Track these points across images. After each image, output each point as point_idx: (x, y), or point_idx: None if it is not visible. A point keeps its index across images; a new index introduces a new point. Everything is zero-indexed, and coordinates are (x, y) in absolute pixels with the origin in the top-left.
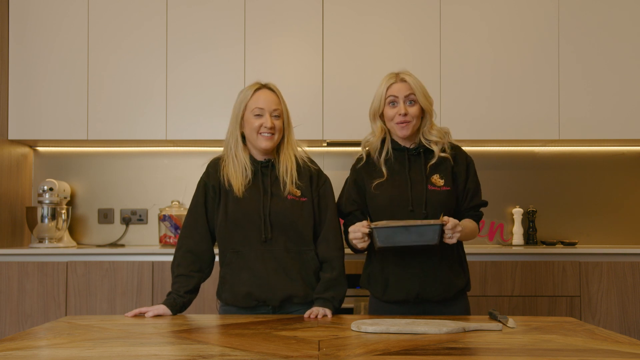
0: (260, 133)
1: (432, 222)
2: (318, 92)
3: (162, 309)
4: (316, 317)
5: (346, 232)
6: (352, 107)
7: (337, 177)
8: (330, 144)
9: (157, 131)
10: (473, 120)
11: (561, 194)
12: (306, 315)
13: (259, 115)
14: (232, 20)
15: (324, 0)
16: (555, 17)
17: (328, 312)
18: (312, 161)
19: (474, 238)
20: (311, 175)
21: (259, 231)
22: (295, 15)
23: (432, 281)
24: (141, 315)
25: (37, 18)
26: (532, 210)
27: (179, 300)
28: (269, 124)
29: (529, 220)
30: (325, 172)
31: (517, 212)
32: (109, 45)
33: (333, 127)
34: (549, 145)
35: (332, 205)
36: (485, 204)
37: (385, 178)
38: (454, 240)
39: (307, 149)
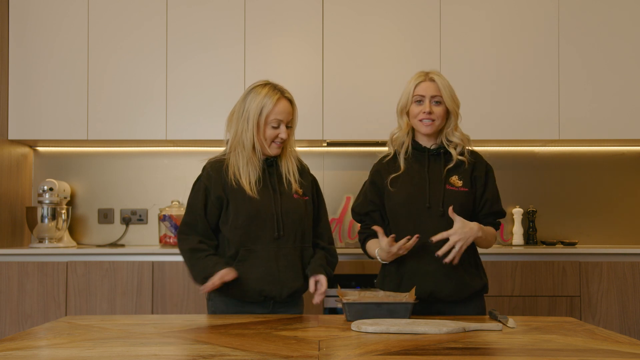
0: (274, 141)
1: (403, 299)
2: (318, 92)
3: (231, 270)
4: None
5: (361, 240)
6: (352, 107)
7: (337, 177)
8: (330, 144)
9: (157, 131)
10: (473, 120)
11: (561, 194)
12: (312, 286)
13: (276, 127)
14: (232, 20)
15: (324, 0)
16: (555, 18)
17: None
18: (304, 163)
19: (490, 245)
20: (310, 175)
21: (271, 229)
22: (295, 15)
23: (446, 281)
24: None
25: (37, 18)
26: (532, 210)
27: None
28: (284, 136)
29: (529, 220)
30: (325, 172)
31: (517, 212)
32: (109, 45)
33: (333, 127)
34: (549, 145)
35: (324, 202)
36: (503, 214)
37: (402, 172)
38: (455, 255)
39: (307, 149)
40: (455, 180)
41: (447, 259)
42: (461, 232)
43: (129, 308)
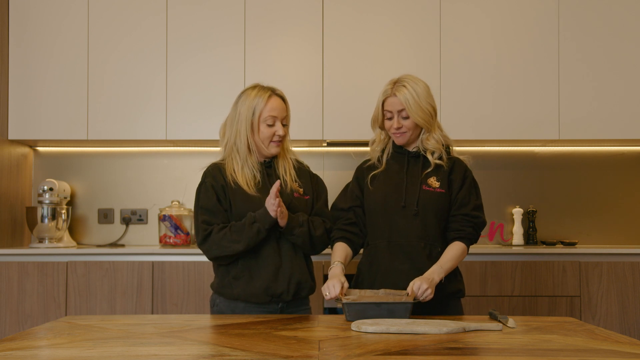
0: (272, 141)
1: (403, 299)
2: (318, 92)
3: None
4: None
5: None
6: (352, 107)
7: (337, 177)
8: (330, 144)
9: (157, 131)
10: (473, 120)
11: (561, 194)
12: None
13: (271, 125)
14: (232, 19)
15: (324, 0)
16: (555, 17)
17: (284, 212)
18: (303, 162)
19: (463, 258)
20: (309, 174)
21: (274, 228)
22: (295, 15)
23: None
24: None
25: (37, 18)
26: (532, 210)
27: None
28: (281, 133)
29: (529, 220)
30: (325, 172)
31: (517, 212)
32: (109, 45)
33: (333, 127)
34: (549, 145)
35: (324, 196)
36: (475, 217)
37: (381, 170)
38: (432, 296)
39: (307, 149)
40: (432, 181)
41: (425, 299)
42: (420, 280)
43: (129, 308)
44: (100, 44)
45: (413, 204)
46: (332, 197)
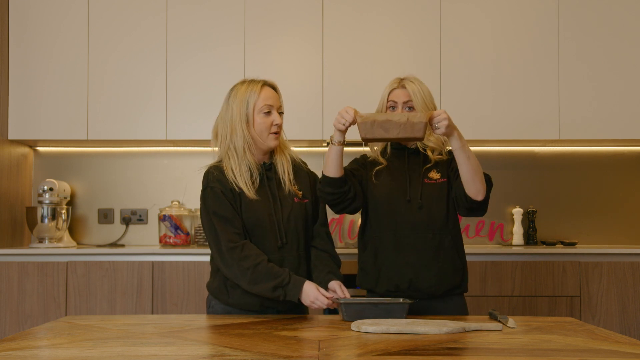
0: (271, 132)
1: (401, 299)
2: (318, 92)
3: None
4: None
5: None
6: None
7: None
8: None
9: (157, 131)
10: (473, 120)
11: (561, 194)
12: (331, 293)
13: (268, 113)
14: (232, 19)
15: (324, 0)
16: (555, 17)
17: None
18: (301, 159)
19: (478, 173)
20: (308, 175)
21: (274, 238)
22: (295, 15)
23: (425, 271)
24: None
25: (37, 18)
26: (532, 210)
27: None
28: (279, 121)
29: (529, 220)
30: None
31: (517, 212)
32: (109, 45)
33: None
34: (549, 145)
35: (324, 209)
36: (487, 175)
37: (384, 166)
38: (442, 129)
39: (307, 149)
40: (433, 174)
41: (437, 128)
42: (443, 110)
43: (129, 308)
44: (100, 44)
45: (417, 198)
46: None
